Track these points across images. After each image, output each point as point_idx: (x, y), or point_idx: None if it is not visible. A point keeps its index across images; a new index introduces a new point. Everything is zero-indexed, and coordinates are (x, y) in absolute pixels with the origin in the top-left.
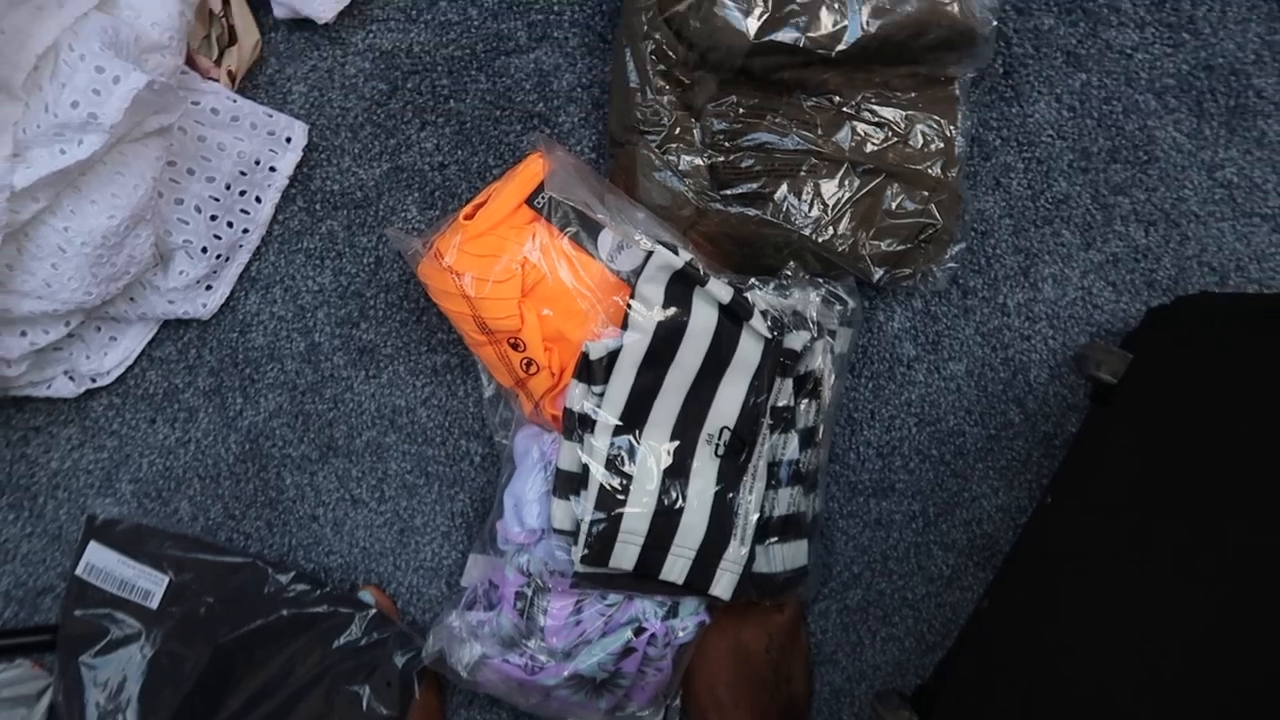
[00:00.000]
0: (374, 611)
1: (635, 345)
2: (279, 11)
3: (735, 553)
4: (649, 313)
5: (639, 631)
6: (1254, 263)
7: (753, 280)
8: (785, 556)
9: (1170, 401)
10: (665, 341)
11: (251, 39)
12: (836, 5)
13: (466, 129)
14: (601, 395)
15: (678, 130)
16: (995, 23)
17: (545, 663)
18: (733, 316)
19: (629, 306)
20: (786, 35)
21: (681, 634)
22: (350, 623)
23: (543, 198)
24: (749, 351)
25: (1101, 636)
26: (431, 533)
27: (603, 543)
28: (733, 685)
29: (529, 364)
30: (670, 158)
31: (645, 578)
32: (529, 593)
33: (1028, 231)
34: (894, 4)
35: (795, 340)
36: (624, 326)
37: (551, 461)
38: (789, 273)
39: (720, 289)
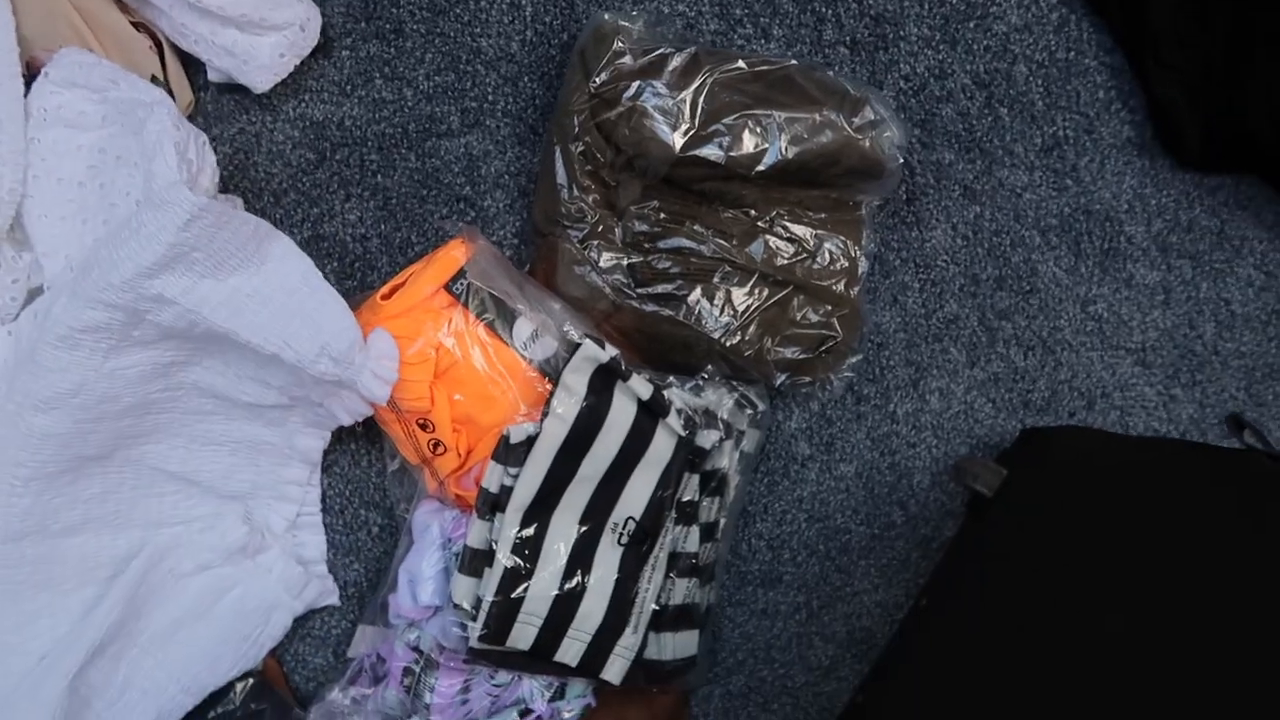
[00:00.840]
0: (252, 682)
1: (554, 433)
2: (213, 75)
3: (629, 639)
4: (570, 402)
5: (525, 713)
6: (1117, 391)
7: (670, 379)
8: (675, 646)
9: (1038, 519)
10: (584, 432)
11: (184, 100)
12: (759, 130)
13: (391, 205)
14: (516, 478)
15: (600, 228)
16: (902, 160)
17: None
18: (649, 412)
19: (551, 395)
20: (710, 152)
21: (567, 716)
22: (230, 690)
23: (461, 283)
24: (662, 447)
25: None
26: None
27: (502, 621)
28: None
29: (436, 444)
30: (591, 254)
31: (539, 658)
32: (417, 669)
33: (919, 347)
34: (811, 135)
35: (705, 439)
36: (544, 414)
37: (450, 538)
38: (705, 375)
39: (641, 385)
